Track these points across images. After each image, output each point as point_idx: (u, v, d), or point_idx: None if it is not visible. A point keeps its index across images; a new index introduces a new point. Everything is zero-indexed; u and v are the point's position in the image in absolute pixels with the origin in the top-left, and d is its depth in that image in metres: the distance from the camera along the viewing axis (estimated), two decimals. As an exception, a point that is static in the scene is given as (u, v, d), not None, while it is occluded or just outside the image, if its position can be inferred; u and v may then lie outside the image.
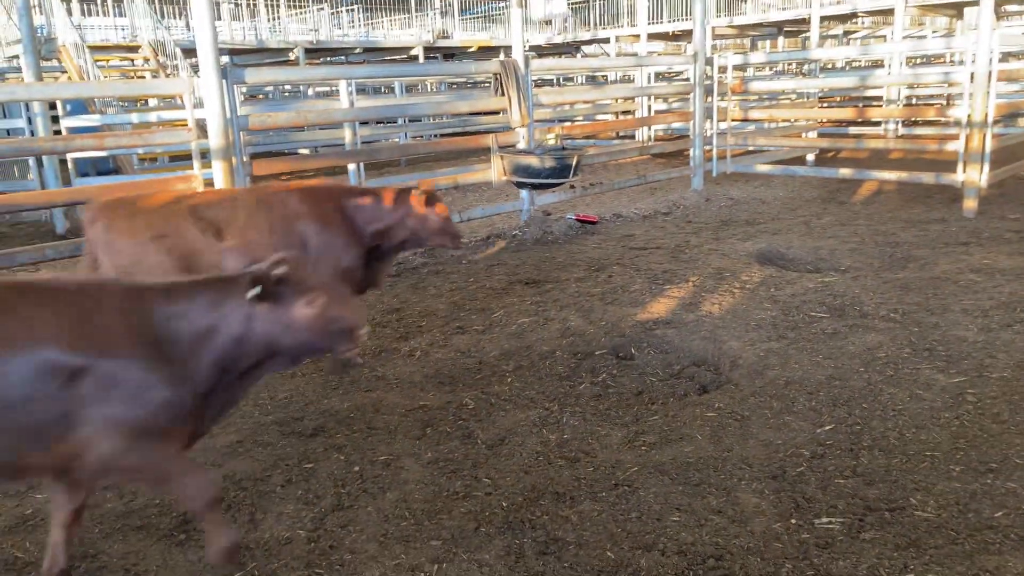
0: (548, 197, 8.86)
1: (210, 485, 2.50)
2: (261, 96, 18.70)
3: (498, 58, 8.26)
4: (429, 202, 4.51)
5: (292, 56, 21.95)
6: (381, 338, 5.20)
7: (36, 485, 3.41)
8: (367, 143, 13.21)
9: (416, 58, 24.19)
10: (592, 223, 8.74)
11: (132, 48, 17.13)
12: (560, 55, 26.69)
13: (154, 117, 11.28)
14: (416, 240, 4.62)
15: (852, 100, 17.09)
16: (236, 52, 20.60)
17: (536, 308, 5.67)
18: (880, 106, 14.87)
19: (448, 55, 25.94)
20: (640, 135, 15.45)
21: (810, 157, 12.24)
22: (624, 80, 19.43)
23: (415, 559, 2.81)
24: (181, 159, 12.49)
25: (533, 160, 6.80)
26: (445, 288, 6.36)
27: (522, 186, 7.38)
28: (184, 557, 2.88)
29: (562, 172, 6.71)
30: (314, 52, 22.94)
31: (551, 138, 8.04)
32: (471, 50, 25.86)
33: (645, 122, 13.66)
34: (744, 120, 12.64)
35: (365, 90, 17.76)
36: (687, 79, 10.95)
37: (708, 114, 10.64)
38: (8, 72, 14.73)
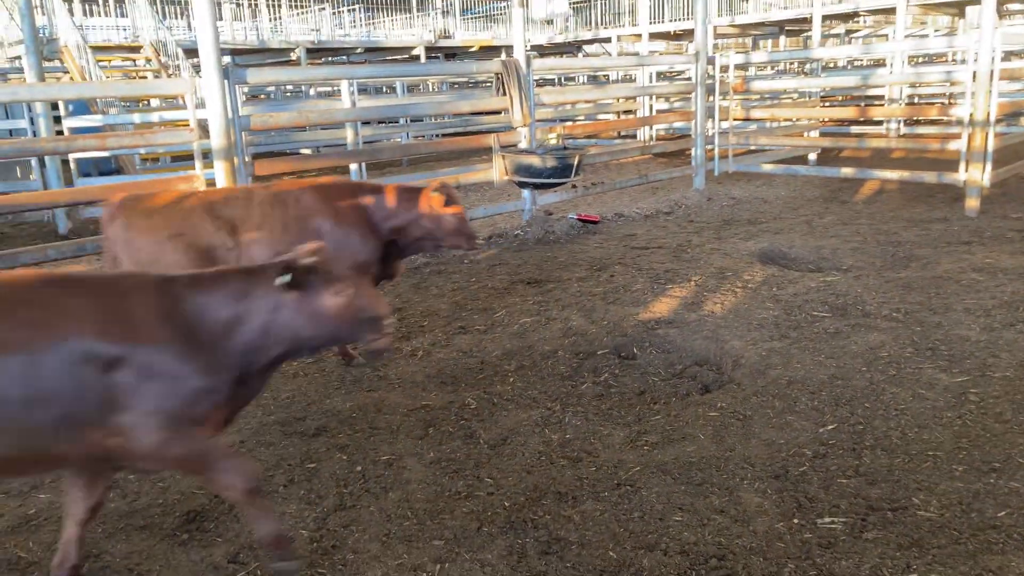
0: (550, 197, 8.86)
1: (250, 472, 2.49)
2: (263, 96, 18.70)
3: (500, 58, 8.26)
4: (446, 202, 4.47)
5: (294, 56, 21.98)
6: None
7: (39, 485, 3.42)
8: (369, 143, 13.22)
9: (418, 58, 24.21)
10: (594, 223, 8.73)
11: (134, 48, 17.17)
12: (562, 55, 26.69)
13: (156, 117, 11.31)
14: (431, 239, 4.57)
15: (854, 99, 17.09)
16: (238, 52, 20.63)
17: (538, 308, 5.67)
18: (882, 105, 14.82)
19: (450, 55, 25.96)
20: (642, 134, 15.46)
21: (812, 156, 12.22)
22: (626, 79, 19.43)
23: (417, 559, 2.81)
24: (183, 159, 12.53)
25: (535, 160, 6.79)
26: (447, 288, 6.36)
27: (524, 186, 7.38)
28: (187, 557, 2.89)
29: (564, 172, 6.71)
30: (316, 52, 22.97)
31: (553, 138, 8.03)
32: (473, 50, 25.88)
33: (647, 121, 13.64)
34: (746, 119, 12.63)
35: (367, 90, 17.79)
36: (689, 78, 10.94)
37: (710, 113, 10.64)
38: (10, 73, 14.76)
